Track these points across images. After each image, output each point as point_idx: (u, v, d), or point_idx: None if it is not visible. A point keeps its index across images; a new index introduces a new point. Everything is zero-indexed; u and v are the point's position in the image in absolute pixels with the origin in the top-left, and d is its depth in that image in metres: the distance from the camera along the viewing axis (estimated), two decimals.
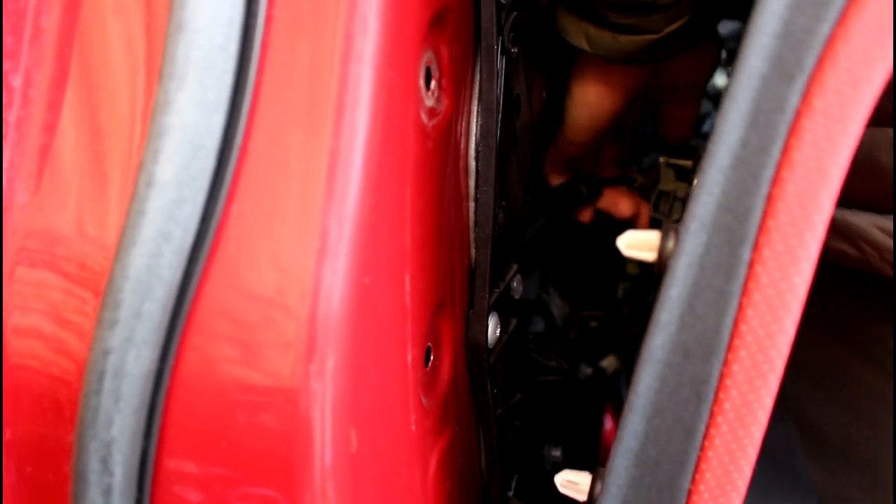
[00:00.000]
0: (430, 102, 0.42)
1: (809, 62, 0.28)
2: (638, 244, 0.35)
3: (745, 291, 0.30)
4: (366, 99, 0.35)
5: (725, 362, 0.31)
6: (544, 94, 0.63)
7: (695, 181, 0.30)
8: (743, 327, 0.31)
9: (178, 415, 0.36)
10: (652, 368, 0.32)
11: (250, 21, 0.33)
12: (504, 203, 0.54)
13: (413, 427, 0.43)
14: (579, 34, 0.54)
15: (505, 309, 0.55)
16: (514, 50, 0.51)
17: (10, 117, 0.37)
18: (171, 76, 0.32)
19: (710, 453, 0.33)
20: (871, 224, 0.58)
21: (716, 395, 0.32)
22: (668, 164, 0.69)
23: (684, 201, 0.66)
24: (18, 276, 0.37)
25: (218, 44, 0.32)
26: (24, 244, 0.37)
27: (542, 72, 0.63)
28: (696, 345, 0.31)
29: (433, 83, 0.43)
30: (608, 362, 0.89)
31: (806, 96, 0.28)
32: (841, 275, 0.67)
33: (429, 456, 0.46)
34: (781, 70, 0.29)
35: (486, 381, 0.52)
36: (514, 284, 0.58)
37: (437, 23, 0.41)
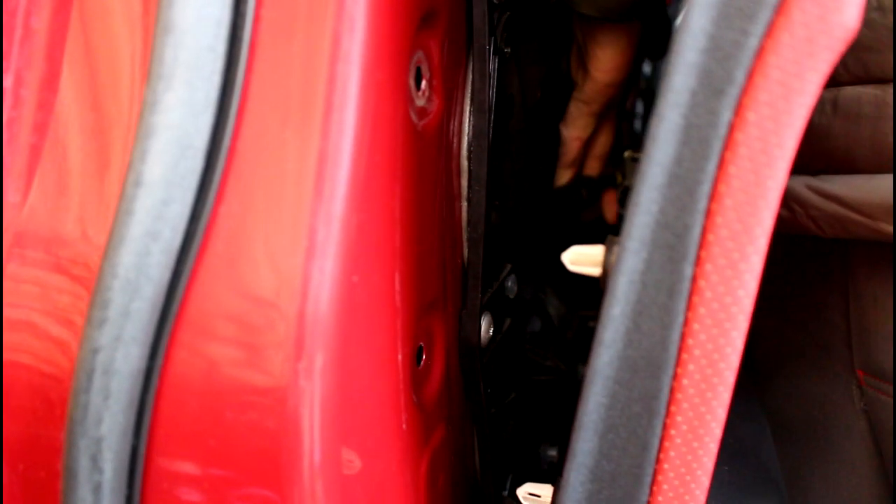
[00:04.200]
0: (420, 102, 0.42)
1: (740, 75, 0.28)
2: (583, 260, 0.35)
3: (690, 306, 0.30)
4: (354, 99, 0.35)
5: (675, 377, 0.31)
6: (539, 94, 0.63)
7: (630, 199, 0.30)
8: (690, 342, 0.31)
9: (168, 413, 0.36)
10: (601, 385, 0.32)
11: (238, 21, 0.33)
12: (497, 203, 0.54)
13: (404, 426, 0.43)
14: None
15: (499, 308, 0.56)
16: (508, 50, 0.51)
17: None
18: (159, 77, 0.32)
19: (665, 465, 0.33)
20: (801, 184, 0.61)
21: (668, 409, 0.32)
22: (634, 159, 0.70)
23: None
24: (9, 275, 0.37)
25: (206, 44, 0.33)
26: (15, 243, 0.37)
27: (538, 68, 0.63)
28: (643, 361, 0.31)
29: (424, 83, 0.43)
30: None
31: (738, 110, 0.28)
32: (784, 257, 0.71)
33: (420, 454, 0.46)
34: (711, 85, 0.28)
35: (479, 380, 0.52)
36: (509, 284, 0.58)
37: (426, 23, 0.41)
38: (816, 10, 0.27)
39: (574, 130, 0.72)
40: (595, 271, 0.34)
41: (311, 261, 0.35)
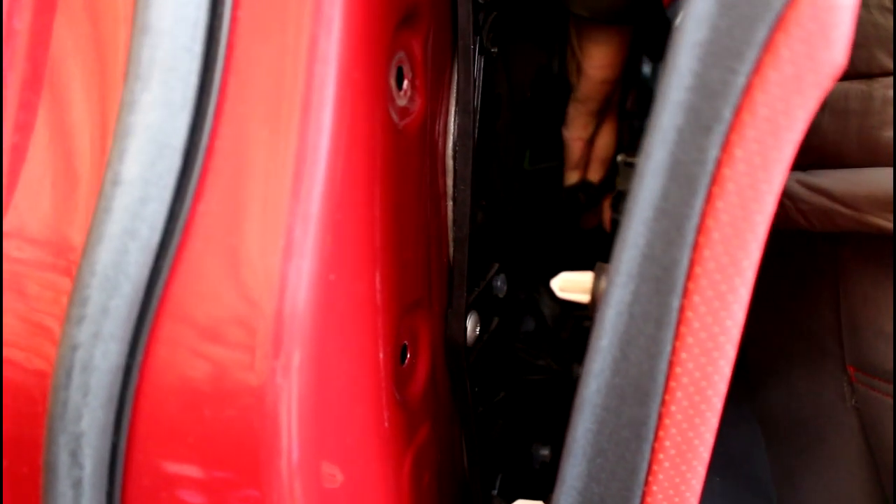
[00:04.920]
0: (401, 102, 0.43)
1: (727, 113, 0.28)
2: (572, 287, 0.35)
3: (677, 336, 0.30)
4: (331, 99, 0.35)
5: (663, 403, 0.32)
6: (529, 94, 0.64)
7: (618, 233, 0.31)
8: (678, 370, 0.31)
9: (148, 409, 0.36)
10: (589, 412, 0.32)
11: (215, 22, 0.34)
12: (484, 202, 0.54)
13: (386, 423, 0.44)
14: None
15: (486, 308, 0.56)
16: (494, 50, 0.51)
17: None
18: (137, 77, 0.33)
19: (654, 488, 0.33)
20: (793, 180, 0.62)
21: (656, 434, 0.32)
22: (626, 163, 0.70)
23: None
24: None
25: (182, 45, 0.33)
26: None
27: (528, 69, 0.63)
28: (631, 389, 0.31)
29: (406, 83, 0.43)
30: None
31: (726, 146, 0.28)
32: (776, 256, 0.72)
33: (404, 453, 0.46)
34: (698, 122, 0.28)
35: (465, 379, 0.52)
36: (498, 283, 0.59)
37: (407, 23, 0.42)
38: (804, 49, 0.27)
39: (574, 131, 0.72)
40: (584, 298, 0.35)
41: (288, 259, 0.35)
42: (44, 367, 0.38)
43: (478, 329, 0.54)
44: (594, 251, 0.85)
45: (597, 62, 0.65)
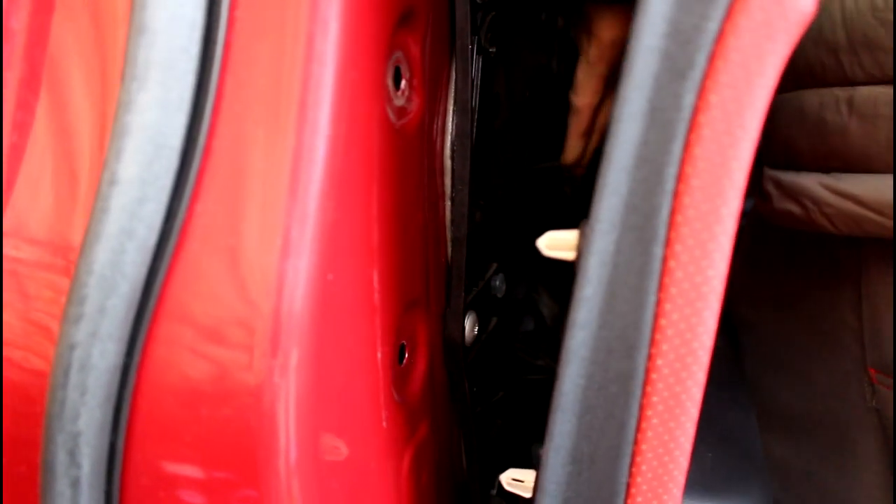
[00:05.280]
0: (399, 102, 0.43)
1: (701, 59, 0.28)
2: (558, 244, 0.35)
3: (661, 287, 0.31)
4: (328, 99, 0.35)
5: (650, 357, 0.32)
6: (527, 93, 0.64)
7: (598, 181, 0.31)
8: (663, 322, 0.31)
9: (146, 409, 0.36)
10: (576, 366, 0.32)
11: (212, 22, 0.34)
12: (482, 202, 0.54)
13: (384, 423, 0.44)
14: None
15: (485, 308, 0.56)
16: (493, 50, 0.51)
17: None
18: (133, 77, 0.33)
19: (643, 447, 0.33)
20: (816, 182, 0.62)
21: (643, 389, 0.32)
22: None
23: None
24: None
25: (179, 45, 0.33)
26: None
27: (527, 68, 0.63)
28: (618, 342, 0.31)
29: (403, 83, 0.43)
30: None
31: (701, 93, 0.29)
32: (787, 250, 0.71)
33: (402, 452, 0.46)
34: (673, 68, 0.29)
35: (463, 378, 0.52)
36: (497, 283, 0.59)
37: (405, 22, 0.42)
38: None
39: (584, 97, 0.72)
40: (570, 255, 0.34)
41: (285, 259, 0.35)
42: (42, 366, 0.38)
43: (476, 329, 0.54)
44: None
45: (607, 23, 0.65)
